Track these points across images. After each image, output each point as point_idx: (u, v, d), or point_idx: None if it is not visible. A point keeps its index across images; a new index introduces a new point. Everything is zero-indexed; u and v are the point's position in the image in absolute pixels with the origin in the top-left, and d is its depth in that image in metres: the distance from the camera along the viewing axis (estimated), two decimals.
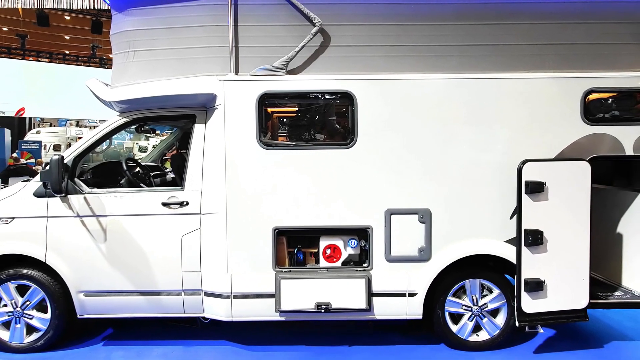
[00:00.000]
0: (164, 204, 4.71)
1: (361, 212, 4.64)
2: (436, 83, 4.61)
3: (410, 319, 4.78)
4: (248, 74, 4.63)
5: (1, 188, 7.01)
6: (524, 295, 4.47)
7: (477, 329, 4.85)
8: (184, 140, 5.59)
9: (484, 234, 4.66)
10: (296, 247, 4.81)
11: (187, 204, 4.70)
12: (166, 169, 6.46)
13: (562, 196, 4.45)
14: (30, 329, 4.83)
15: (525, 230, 4.43)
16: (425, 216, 4.62)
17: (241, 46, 4.63)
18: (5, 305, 4.78)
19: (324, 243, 4.74)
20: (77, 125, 28.43)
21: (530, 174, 4.42)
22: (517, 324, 4.56)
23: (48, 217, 4.71)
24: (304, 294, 4.58)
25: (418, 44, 4.65)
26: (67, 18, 29.76)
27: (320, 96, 4.81)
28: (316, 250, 4.79)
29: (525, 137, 4.61)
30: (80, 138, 19.10)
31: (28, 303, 4.77)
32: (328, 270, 4.69)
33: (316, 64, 4.66)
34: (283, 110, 5.05)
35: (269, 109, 4.81)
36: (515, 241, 4.51)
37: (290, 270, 4.68)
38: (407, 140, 4.62)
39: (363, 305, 4.59)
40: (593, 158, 4.57)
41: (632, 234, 4.95)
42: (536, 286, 4.46)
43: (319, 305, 4.56)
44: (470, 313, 4.81)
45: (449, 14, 4.63)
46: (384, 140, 4.61)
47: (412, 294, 4.68)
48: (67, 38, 33.24)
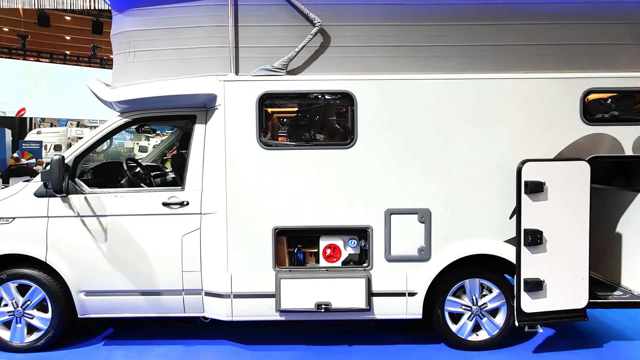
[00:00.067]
0: (165, 204, 4.72)
1: (361, 212, 4.66)
2: (436, 83, 4.62)
3: (410, 319, 4.78)
4: (248, 74, 4.64)
5: (2, 188, 7.03)
6: (524, 295, 4.48)
7: (477, 328, 4.85)
8: (184, 141, 5.61)
9: (484, 234, 4.67)
10: (296, 247, 4.82)
11: (188, 203, 4.71)
12: (166, 169, 6.47)
13: (562, 196, 4.46)
14: (31, 329, 4.84)
15: (524, 230, 4.44)
16: (425, 216, 4.63)
17: (241, 46, 4.64)
18: (6, 304, 4.79)
19: (324, 243, 4.75)
20: (78, 126, 28.49)
21: (529, 174, 4.43)
22: (517, 324, 4.57)
23: (49, 217, 4.72)
24: (304, 293, 4.59)
25: (418, 45, 4.66)
26: (68, 18, 29.79)
27: (320, 96, 4.82)
28: (316, 250, 4.80)
29: (524, 137, 4.61)
30: (80, 138, 19.06)
31: (29, 303, 4.78)
32: (328, 270, 4.70)
33: (316, 64, 4.67)
34: (283, 110, 5.06)
35: (269, 109, 4.81)
36: (515, 241, 4.52)
37: (290, 270, 4.69)
38: (407, 140, 4.63)
39: (363, 305, 4.60)
40: (592, 158, 4.58)
41: (631, 233, 4.97)
42: (536, 286, 4.47)
43: (319, 305, 4.57)
44: (469, 313, 4.82)
45: (448, 14, 4.64)
46: (384, 140, 4.62)
47: (412, 294, 4.69)
48: (68, 38, 33.27)
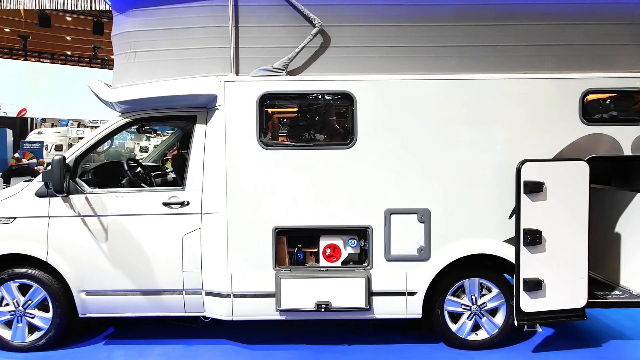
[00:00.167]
0: (165, 204, 4.74)
1: (361, 212, 4.67)
2: (435, 84, 4.63)
3: (409, 318, 4.79)
4: (248, 74, 4.65)
5: (3, 188, 7.05)
6: (523, 295, 4.49)
7: (476, 328, 4.87)
8: (184, 141, 5.62)
9: (483, 234, 4.69)
10: (296, 247, 4.84)
11: (188, 203, 4.73)
12: (167, 169, 6.49)
13: (561, 196, 4.47)
14: (32, 328, 4.85)
15: (524, 229, 4.45)
16: (424, 216, 4.65)
17: (242, 47, 4.66)
18: (7, 304, 4.81)
19: (324, 243, 4.76)
20: (79, 126, 28.55)
21: (529, 174, 4.44)
22: (516, 323, 4.58)
23: (50, 217, 4.73)
24: (304, 293, 4.61)
25: (417, 45, 4.67)
26: (69, 19, 29.81)
27: (320, 97, 4.84)
28: (316, 250, 4.81)
29: (524, 138, 4.63)
30: (81, 138, 19.10)
31: (30, 302, 4.79)
32: (328, 270, 4.72)
33: (316, 65, 4.68)
34: (283, 110, 5.07)
35: (269, 110, 4.83)
36: (514, 241, 4.53)
37: (290, 270, 4.70)
38: (407, 140, 4.64)
39: (363, 304, 4.62)
40: (591, 158, 4.59)
41: (630, 233, 4.98)
42: (535, 285, 4.48)
43: (319, 305, 4.59)
44: (469, 312, 4.83)
45: (448, 15, 4.65)
46: (384, 140, 4.64)
47: (412, 293, 4.70)
48: (69, 39, 33.30)
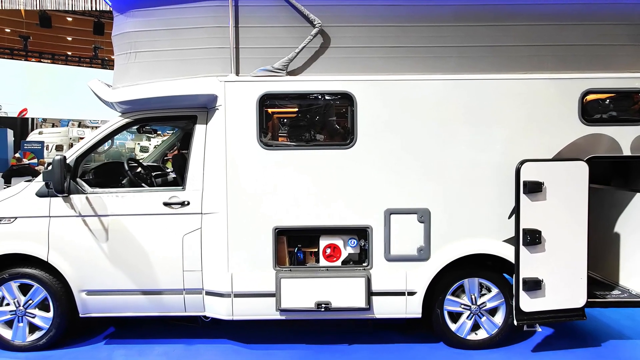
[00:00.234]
0: (166, 204, 4.75)
1: (361, 212, 4.68)
2: (435, 84, 4.64)
3: (409, 318, 4.80)
4: (249, 74, 4.67)
5: (4, 188, 7.06)
6: (522, 294, 4.50)
7: (476, 327, 4.88)
8: (185, 141, 5.63)
9: (483, 234, 4.70)
10: (296, 247, 4.85)
11: (188, 203, 4.74)
12: (167, 169, 6.50)
13: (560, 196, 4.48)
14: (33, 328, 4.86)
15: (523, 229, 4.46)
16: (424, 216, 4.66)
17: (242, 47, 4.67)
18: (8, 304, 4.82)
19: (324, 242, 4.77)
20: (79, 126, 28.60)
21: (528, 174, 4.45)
22: (516, 323, 4.59)
23: (50, 217, 4.74)
24: (304, 293, 4.61)
25: (417, 45, 4.68)
26: (69, 19, 29.85)
27: (320, 97, 4.84)
28: (316, 250, 4.82)
29: (523, 138, 4.64)
30: (82, 138, 19.12)
31: (31, 302, 4.81)
32: (328, 270, 4.73)
33: (316, 65, 4.69)
34: (283, 110, 5.08)
35: (270, 110, 4.84)
36: (514, 240, 4.54)
37: (290, 270, 4.71)
38: (407, 140, 4.65)
39: (363, 304, 4.62)
40: (591, 158, 4.60)
41: (629, 233, 4.99)
42: (534, 285, 4.49)
43: (319, 304, 4.60)
44: (469, 312, 4.84)
45: (447, 15, 4.66)
46: (384, 140, 4.65)
47: (412, 293, 4.71)
48: (69, 39, 33.33)
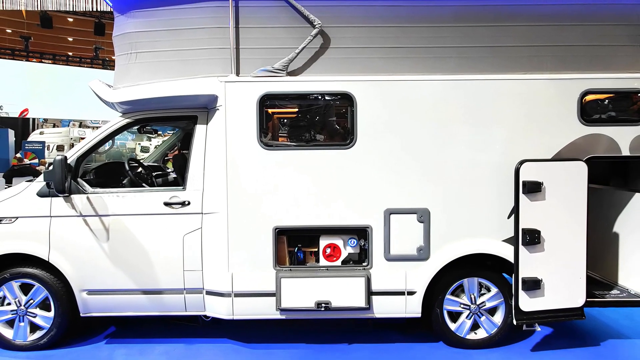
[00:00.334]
0: (166, 204, 4.77)
1: (361, 212, 4.69)
2: (435, 84, 4.65)
3: (409, 318, 4.81)
4: (249, 75, 4.68)
5: (5, 188, 7.07)
6: (522, 294, 4.52)
7: (475, 327, 4.89)
8: (185, 141, 5.65)
9: (482, 234, 4.71)
10: (296, 246, 4.86)
11: (189, 203, 4.76)
12: (168, 169, 6.51)
13: (559, 196, 4.49)
14: (34, 327, 4.87)
15: (522, 229, 4.47)
16: (424, 216, 4.67)
17: (242, 48, 4.68)
18: (9, 303, 4.83)
19: (324, 242, 4.79)
20: (80, 126, 28.60)
21: (527, 174, 4.46)
22: (515, 322, 4.60)
23: (51, 217, 4.76)
24: (304, 292, 4.63)
25: (417, 46, 4.69)
26: (70, 20, 29.82)
27: (320, 97, 4.86)
28: (316, 250, 4.83)
29: (522, 138, 4.65)
30: (83, 139, 19.13)
31: (32, 301, 4.82)
32: (328, 269, 4.74)
33: (316, 66, 4.71)
34: (283, 111, 5.09)
35: (270, 110, 4.85)
36: (513, 240, 4.55)
37: (290, 269, 4.72)
38: (406, 140, 4.67)
39: (362, 303, 4.64)
40: (590, 158, 4.61)
41: (628, 233, 5.00)
42: (533, 285, 4.50)
43: (319, 304, 4.61)
44: (468, 311, 4.85)
45: (447, 15, 4.67)
46: (384, 140, 4.66)
47: (411, 293, 4.72)
48: (70, 40, 33.30)
